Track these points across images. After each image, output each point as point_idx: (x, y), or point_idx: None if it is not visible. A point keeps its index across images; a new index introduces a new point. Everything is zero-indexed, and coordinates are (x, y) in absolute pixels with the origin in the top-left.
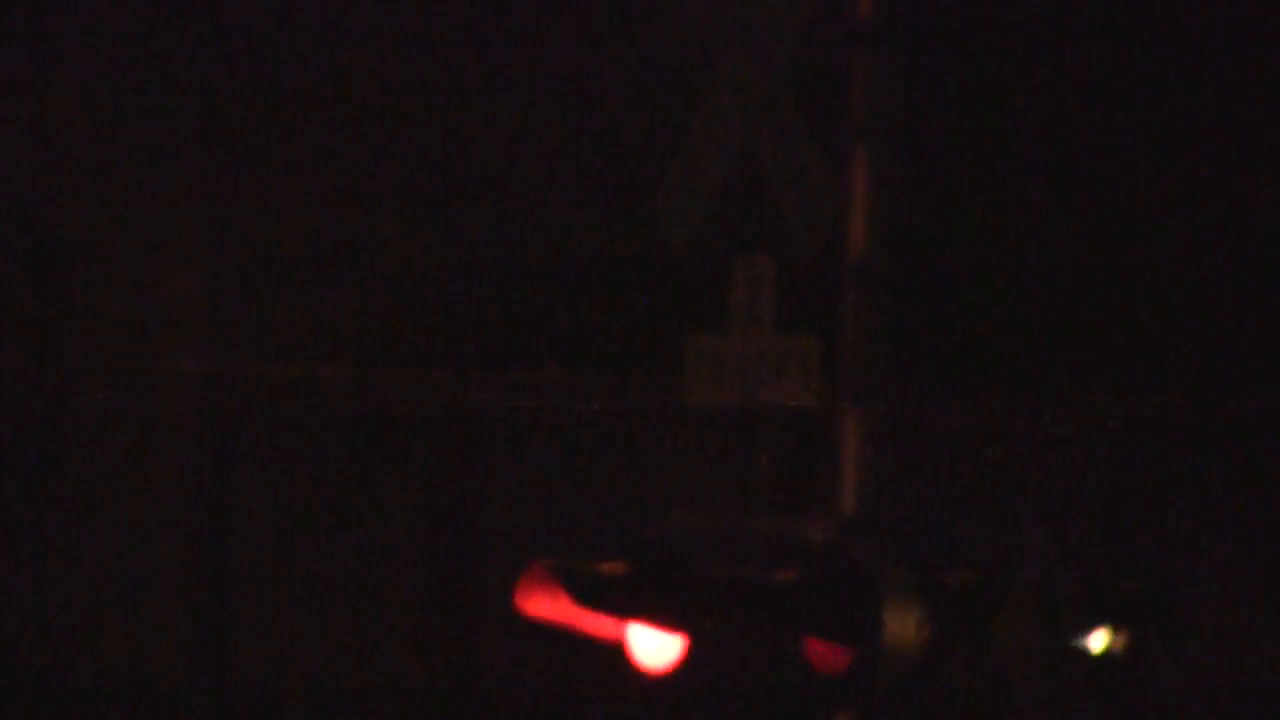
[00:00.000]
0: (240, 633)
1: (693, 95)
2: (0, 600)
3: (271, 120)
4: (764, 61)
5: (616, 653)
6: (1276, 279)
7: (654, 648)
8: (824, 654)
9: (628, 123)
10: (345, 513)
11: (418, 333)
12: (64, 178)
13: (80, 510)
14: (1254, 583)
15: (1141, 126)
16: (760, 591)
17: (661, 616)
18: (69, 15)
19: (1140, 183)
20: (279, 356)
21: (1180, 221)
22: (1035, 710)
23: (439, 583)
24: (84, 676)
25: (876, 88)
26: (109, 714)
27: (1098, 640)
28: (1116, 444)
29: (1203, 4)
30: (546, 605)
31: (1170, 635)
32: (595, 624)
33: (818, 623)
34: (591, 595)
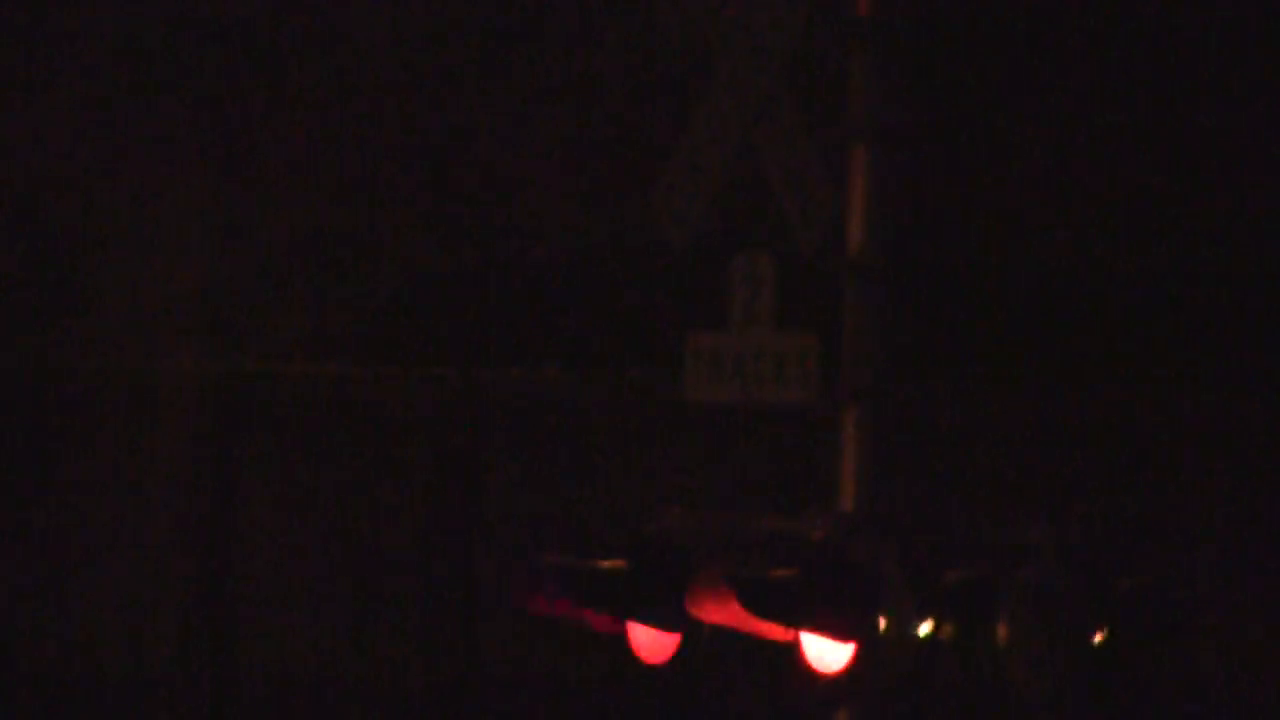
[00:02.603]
0: (240, 632)
1: (693, 95)
2: (0, 600)
3: (271, 120)
4: (764, 61)
5: (617, 647)
6: (1276, 279)
7: (653, 642)
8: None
9: (628, 122)
10: (345, 512)
11: (418, 332)
12: (64, 178)
13: (80, 509)
14: (1254, 583)
15: (1142, 125)
16: (760, 589)
17: (660, 613)
18: (69, 16)
19: (1141, 181)
20: (279, 354)
21: (1181, 220)
22: (1034, 709)
23: (439, 582)
24: (84, 676)
25: (876, 87)
26: (109, 713)
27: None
28: (1116, 442)
29: (1203, 4)
30: (547, 602)
31: (1170, 635)
32: (596, 620)
33: (817, 620)
34: (593, 592)
